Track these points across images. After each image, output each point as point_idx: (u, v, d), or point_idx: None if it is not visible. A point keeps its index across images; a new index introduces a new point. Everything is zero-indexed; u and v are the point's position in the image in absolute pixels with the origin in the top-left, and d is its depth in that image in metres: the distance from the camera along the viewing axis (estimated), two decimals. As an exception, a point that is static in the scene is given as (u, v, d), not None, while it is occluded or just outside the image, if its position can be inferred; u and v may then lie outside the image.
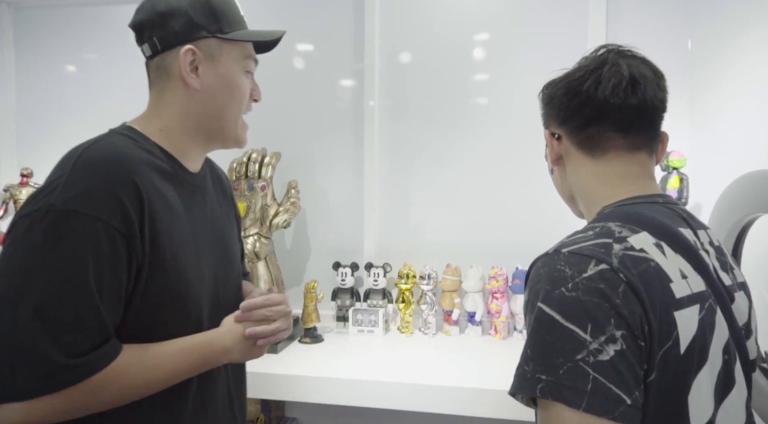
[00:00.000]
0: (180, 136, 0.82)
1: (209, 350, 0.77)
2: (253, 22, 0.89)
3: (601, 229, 0.60)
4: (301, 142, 1.77)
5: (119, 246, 0.67)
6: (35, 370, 0.63)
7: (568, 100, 0.68)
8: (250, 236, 1.52)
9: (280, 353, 1.42)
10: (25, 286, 0.64)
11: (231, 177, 1.60)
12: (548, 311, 0.54)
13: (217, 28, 0.80)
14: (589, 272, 0.54)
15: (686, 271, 0.58)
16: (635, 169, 0.67)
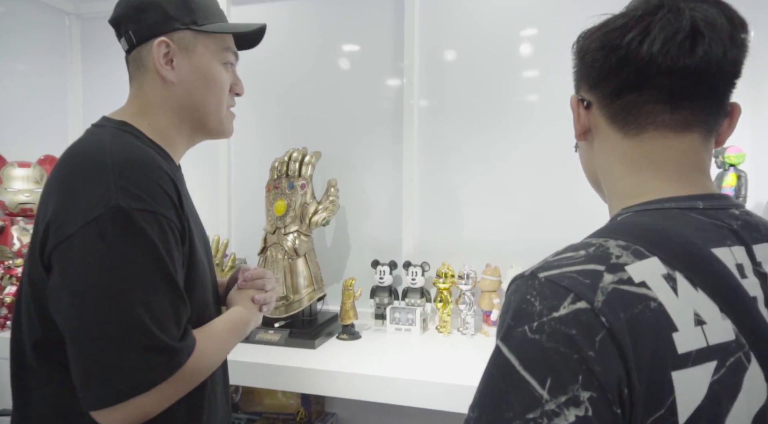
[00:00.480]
0: (167, 130, 0.84)
1: (243, 323, 0.86)
2: (293, 23, 0.90)
3: (597, 249, 0.46)
4: (342, 142, 1.79)
5: (177, 238, 0.72)
6: (157, 358, 0.66)
7: (603, 56, 0.52)
8: (290, 234, 1.55)
9: (317, 349, 1.45)
10: (120, 285, 0.66)
11: (272, 176, 1.65)
12: (506, 353, 0.43)
13: (191, 20, 0.81)
14: (562, 311, 0.42)
15: (706, 314, 0.43)
16: (679, 158, 0.51)
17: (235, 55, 0.89)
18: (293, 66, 1.84)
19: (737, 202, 0.53)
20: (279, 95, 1.86)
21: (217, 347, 0.79)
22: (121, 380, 0.65)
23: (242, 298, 0.90)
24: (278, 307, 1.53)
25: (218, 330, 0.80)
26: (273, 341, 1.47)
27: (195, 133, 0.88)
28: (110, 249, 0.66)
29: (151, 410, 0.68)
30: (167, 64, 0.81)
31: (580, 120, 0.58)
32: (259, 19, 1.85)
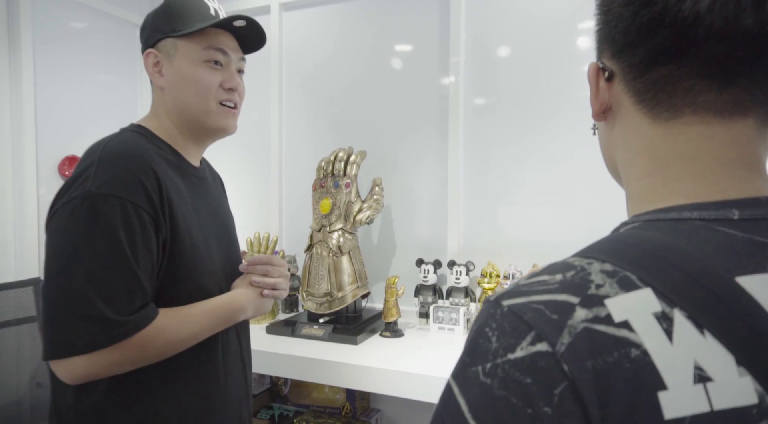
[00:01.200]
0: (174, 131, 0.92)
1: (230, 308, 0.90)
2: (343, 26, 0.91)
3: (576, 274, 0.36)
4: (389, 141, 1.81)
5: (147, 223, 0.78)
6: (94, 327, 0.74)
7: (631, 12, 0.38)
8: (335, 232, 1.59)
9: (359, 345, 1.47)
10: (76, 260, 0.75)
11: (319, 175, 1.69)
12: (456, 395, 0.36)
13: (170, 28, 0.88)
14: (519, 353, 0.34)
15: (714, 368, 0.32)
16: (722, 150, 0.39)
17: (223, 51, 0.91)
18: (344, 68, 1.88)
19: None
20: (330, 97, 1.91)
21: (184, 327, 0.83)
22: (63, 339, 0.74)
23: (242, 282, 0.95)
24: (322, 303, 1.57)
25: (192, 312, 0.85)
26: (317, 335, 1.51)
27: (197, 133, 0.94)
28: (73, 227, 0.75)
29: (94, 371, 0.76)
30: (158, 72, 0.90)
31: (599, 95, 0.45)
32: (310, 24, 1.92)
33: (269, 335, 1.57)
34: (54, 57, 1.87)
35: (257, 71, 2.02)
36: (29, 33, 1.78)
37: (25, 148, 1.78)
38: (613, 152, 0.47)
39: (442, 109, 1.72)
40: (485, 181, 1.68)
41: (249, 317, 0.96)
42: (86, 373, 0.76)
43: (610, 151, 0.48)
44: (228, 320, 0.90)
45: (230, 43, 0.92)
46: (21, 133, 1.78)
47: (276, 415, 1.80)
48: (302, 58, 1.95)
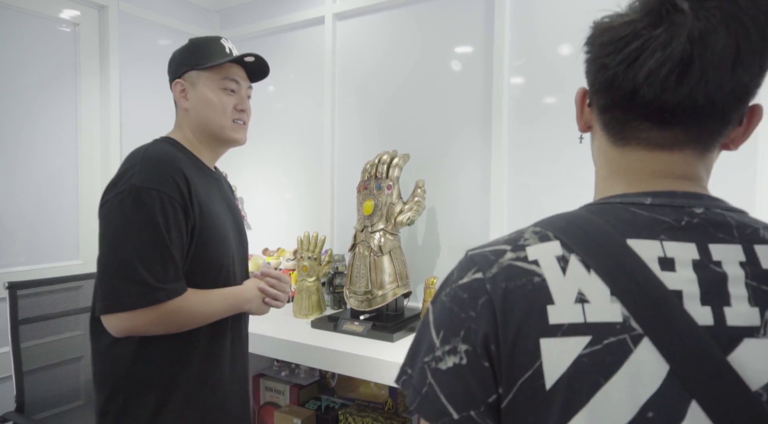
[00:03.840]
0: (195, 142, 1.14)
1: (240, 297, 1.10)
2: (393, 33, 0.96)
3: (516, 233, 0.52)
4: (434, 143, 1.83)
5: (178, 211, 0.98)
6: (137, 289, 0.93)
7: (595, 70, 0.50)
8: (376, 232, 1.65)
9: (396, 342, 1.51)
10: (125, 237, 0.95)
11: (363, 177, 1.75)
12: (429, 312, 0.52)
13: (194, 62, 1.11)
14: (465, 279, 0.50)
15: (592, 294, 0.45)
16: (660, 167, 0.50)
17: (236, 81, 1.13)
18: (392, 73, 1.93)
19: (717, 204, 0.49)
20: (379, 101, 1.97)
21: (203, 305, 1.02)
22: (113, 298, 0.93)
23: (252, 284, 1.15)
24: (363, 301, 1.63)
25: (211, 295, 1.04)
26: (357, 331, 1.57)
27: (214, 143, 1.16)
28: (122, 213, 0.95)
29: (135, 326, 0.95)
30: (184, 97, 1.12)
31: (584, 116, 0.57)
32: (362, 31, 1.99)
33: (314, 329, 1.66)
34: (139, 73, 2.10)
35: (312, 78, 2.13)
36: (117, 56, 2.02)
37: (110, 155, 2.01)
38: (595, 158, 0.59)
39: (486, 112, 1.72)
40: (528, 183, 1.66)
41: (253, 311, 1.15)
42: (130, 327, 0.95)
43: (593, 155, 0.60)
44: (237, 307, 1.10)
45: (241, 73, 1.15)
46: (108, 145, 2.02)
47: (323, 406, 1.89)
48: (354, 64, 2.03)
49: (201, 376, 1.06)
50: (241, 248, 1.19)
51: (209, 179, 1.12)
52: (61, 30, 1.92)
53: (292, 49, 2.19)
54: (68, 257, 1.95)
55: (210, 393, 1.07)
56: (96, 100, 2.01)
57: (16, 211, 1.81)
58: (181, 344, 1.03)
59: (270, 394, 1.96)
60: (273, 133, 2.27)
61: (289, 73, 2.21)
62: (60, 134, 1.92)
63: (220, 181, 1.18)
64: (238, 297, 1.10)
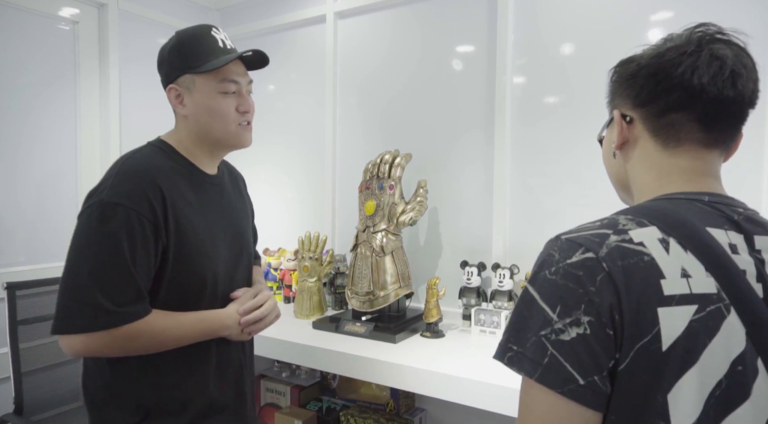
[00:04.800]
0: (191, 147, 1.06)
1: (215, 323, 1.02)
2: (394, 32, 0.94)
3: (609, 220, 0.59)
4: (436, 143, 1.82)
5: (147, 229, 0.92)
6: (90, 311, 0.88)
7: (656, 81, 0.62)
8: (378, 232, 1.63)
9: (398, 343, 1.50)
10: (83, 256, 0.90)
11: (365, 177, 1.74)
12: (531, 291, 0.57)
13: (187, 66, 1.00)
14: (574, 259, 0.55)
15: (692, 270, 0.54)
16: (701, 167, 0.63)
17: (235, 81, 1.03)
18: (394, 72, 1.92)
19: (746, 206, 0.63)
20: (381, 101, 1.96)
21: (170, 329, 0.95)
22: (65, 319, 0.89)
23: (233, 310, 1.05)
24: (365, 301, 1.62)
25: (182, 318, 0.97)
26: (359, 333, 1.56)
27: (216, 149, 1.08)
28: (87, 229, 0.91)
29: (90, 349, 0.90)
30: (180, 103, 1.03)
31: (623, 133, 0.67)
32: (363, 29, 1.98)
33: (315, 330, 1.64)
34: (139, 72, 2.09)
35: (313, 77, 2.12)
36: (116, 55, 2.00)
37: (110, 155, 2.00)
38: (625, 171, 0.69)
39: (489, 112, 1.71)
40: (531, 184, 1.65)
41: (232, 337, 1.06)
42: (83, 348, 0.90)
43: (623, 173, 0.70)
44: (212, 332, 1.02)
45: (240, 69, 1.05)
46: (108, 144, 2.01)
47: (324, 407, 1.88)
48: (356, 63, 2.02)
49: (177, 396, 0.99)
50: (240, 258, 1.11)
51: (204, 187, 1.05)
52: (60, 28, 1.91)
53: (293, 48, 2.18)
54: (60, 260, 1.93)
55: (192, 413, 1.01)
56: (95, 100, 1.99)
57: (15, 210, 1.80)
58: (151, 363, 0.97)
59: (271, 395, 1.95)
60: (274, 132, 2.25)
61: (290, 72, 2.20)
62: (59, 134, 1.90)
63: (220, 185, 1.10)
64: (214, 321, 1.01)
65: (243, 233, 1.14)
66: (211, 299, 1.03)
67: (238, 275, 1.11)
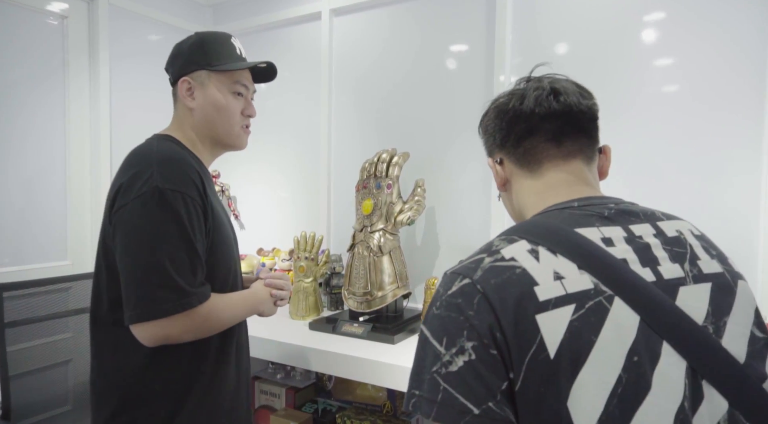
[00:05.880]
0: (194, 142, 1.09)
1: (256, 299, 1.09)
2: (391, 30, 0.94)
3: (486, 245, 0.61)
4: (434, 142, 1.81)
5: (200, 213, 0.95)
6: (172, 294, 0.89)
7: (499, 121, 0.72)
8: (376, 232, 1.61)
9: (396, 344, 1.48)
10: (153, 241, 0.90)
11: (362, 176, 1.72)
12: (424, 330, 0.57)
13: (206, 62, 1.06)
14: (453, 289, 0.56)
15: (565, 271, 0.55)
16: (567, 178, 0.68)
17: (245, 86, 1.10)
18: (391, 70, 1.90)
19: (620, 201, 0.67)
20: (378, 99, 1.94)
21: (226, 309, 1.00)
22: (145, 306, 0.88)
23: (260, 285, 1.14)
24: (362, 302, 1.60)
25: (231, 298, 1.03)
26: (357, 333, 1.54)
27: (215, 146, 1.12)
28: (148, 216, 0.90)
29: (170, 333, 0.91)
30: (190, 96, 1.07)
31: (499, 175, 0.75)
32: (359, 27, 1.96)
33: (312, 331, 1.62)
34: (129, 69, 2.04)
35: (308, 75, 2.09)
36: (107, 51, 1.96)
37: (100, 153, 1.96)
38: (516, 205, 0.74)
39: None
40: (530, 182, 1.64)
41: (265, 312, 1.14)
42: (165, 334, 0.91)
43: (515, 208, 0.75)
44: (254, 308, 1.09)
45: (249, 77, 1.13)
46: (98, 143, 1.96)
47: (320, 409, 1.85)
48: (352, 61, 2.00)
49: (211, 384, 1.02)
50: (238, 251, 1.17)
51: (210, 182, 1.09)
52: (49, 23, 1.86)
53: (288, 46, 2.15)
54: (56, 258, 1.89)
55: (219, 401, 1.04)
56: (85, 97, 1.95)
57: (2, 210, 1.75)
58: (192, 353, 0.99)
59: (265, 397, 1.92)
60: (268, 131, 2.22)
61: (284, 70, 2.17)
62: (47, 132, 1.86)
63: (211, 180, 1.16)
64: (254, 299, 1.09)
65: (234, 231, 1.18)
66: (233, 286, 1.07)
67: (240, 268, 1.16)
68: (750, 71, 1.34)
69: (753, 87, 1.34)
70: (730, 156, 1.37)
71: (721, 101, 1.37)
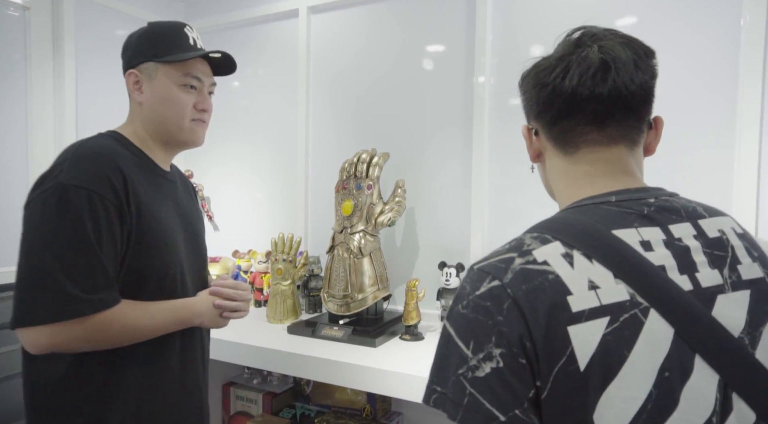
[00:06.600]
0: (147, 139, 1.03)
1: (189, 311, 1.00)
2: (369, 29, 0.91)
3: (516, 242, 0.58)
4: (413, 143, 1.79)
5: (111, 212, 0.87)
6: (57, 300, 0.82)
7: (537, 92, 0.64)
8: (356, 233, 1.59)
9: (378, 347, 1.46)
10: (46, 241, 0.84)
11: (341, 177, 1.69)
12: (448, 327, 0.56)
13: (153, 53, 1.00)
14: (482, 290, 0.54)
15: (600, 280, 0.52)
16: (605, 167, 0.62)
17: (199, 79, 1.04)
18: (369, 69, 1.88)
19: (660, 193, 0.61)
20: (356, 98, 1.91)
21: (141, 319, 0.91)
22: (30, 310, 0.82)
23: (205, 296, 1.05)
24: (342, 304, 1.57)
25: (153, 307, 0.94)
26: (337, 337, 1.51)
27: (168, 142, 1.05)
28: (45, 214, 0.85)
29: (56, 342, 0.83)
30: (138, 89, 1.01)
31: (533, 145, 0.69)
32: (337, 25, 1.93)
33: (290, 335, 1.58)
34: (96, 64, 1.96)
35: (285, 74, 2.05)
36: (72, 45, 1.87)
37: (65, 150, 1.87)
38: (549, 181, 0.70)
39: (467, 111, 1.69)
40: (510, 183, 1.64)
41: (205, 325, 1.04)
42: (48, 343, 0.83)
43: (546, 180, 0.71)
44: (185, 321, 0.99)
45: (205, 69, 1.06)
46: (62, 142, 1.87)
47: (298, 414, 1.81)
48: (329, 60, 1.97)
49: (139, 398, 0.94)
50: (196, 257, 1.09)
51: (159, 180, 1.02)
52: (9, 14, 1.76)
53: (264, 43, 2.10)
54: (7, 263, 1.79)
55: (152, 416, 0.96)
56: (49, 93, 1.86)
57: (-42, 211, 1.65)
58: (115, 363, 0.91)
59: (241, 403, 1.87)
60: (242, 130, 2.17)
61: (259, 68, 2.12)
62: (8, 129, 1.76)
63: (174, 183, 1.08)
64: (187, 310, 0.99)
65: (199, 235, 1.12)
66: (170, 294, 0.98)
67: (194, 276, 1.07)
68: (720, 77, 1.37)
69: (723, 93, 1.37)
70: (700, 152, 1.40)
71: (692, 100, 1.40)
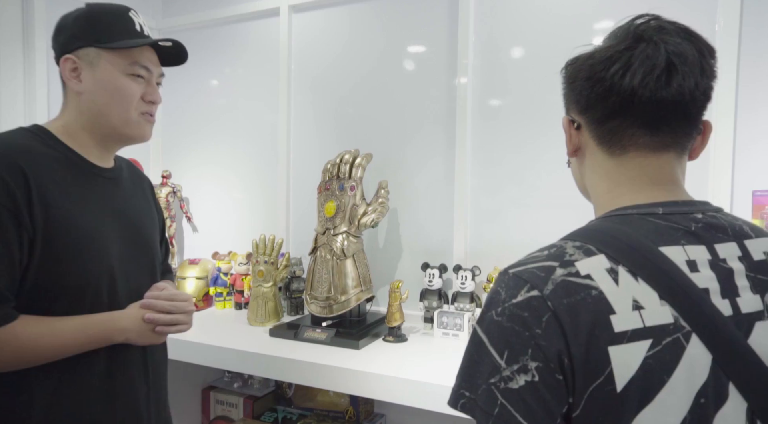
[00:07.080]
0: (79, 133, 0.94)
1: (108, 327, 0.88)
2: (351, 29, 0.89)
3: (557, 249, 0.55)
4: (395, 143, 1.79)
5: (5, 219, 0.78)
6: None
7: (590, 86, 0.58)
8: (339, 235, 1.58)
9: (361, 349, 1.46)
10: None
11: (324, 178, 1.68)
12: (479, 333, 0.54)
13: (94, 38, 0.90)
14: (519, 298, 0.52)
15: (645, 301, 0.50)
16: (653, 174, 0.59)
17: (147, 68, 0.96)
18: (352, 69, 1.86)
19: (707, 208, 0.59)
20: (338, 98, 1.90)
21: (45, 337, 0.82)
22: None
23: (134, 310, 0.94)
24: (325, 306, 1.56)
25: (60, 324, 0.84)
26: (320, 339, 1.50)
27: (109, 138, 0.96)
28: None
29: None
30: (76, 78, 0.92)
31: (572, 140, 0.64)
32: (319, 24, 1.91)
33: (272, 338, 1.56)
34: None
35: (266, 72, 2.02)
36: (43, 38, 1.81)
37: (37, 149, 1.80)
38: (584, 178, 0.66)
39: (450, 112, 1.70)
40: (493, 184, 1.65)
41: (133, 341, 0.93)
42: None
43: (581, 178, 0.67)
44: (102, 339, 0.88)
45: (153, 58, 0.98)
46: (34, 134, 1.81)
47: (280, 418, 1.79)
48: (311, 59, 1.95)
49: (54, 422, 0.84)
50: (139, 264, 0.99)
51: (92, 179, 0.92)
52: (-22, 8, 1.70)
53: (244, 42, 2.07)
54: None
55: None
56: (19, 91, 1.79)
57: None
58: (22, 383, 0.82)
59: (222, 408, 1.84)
60: (221, 130, 2.13)
61: (239, 67, 2.09)
62: (-24, 126, 1.69)
63: (115, 179, 0.98)
64: (103, 325, 0.87)
65: (146, 235, 1.02)
66: (94, 306, 0.89)
67: (132, 285, 0.96)
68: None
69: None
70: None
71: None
